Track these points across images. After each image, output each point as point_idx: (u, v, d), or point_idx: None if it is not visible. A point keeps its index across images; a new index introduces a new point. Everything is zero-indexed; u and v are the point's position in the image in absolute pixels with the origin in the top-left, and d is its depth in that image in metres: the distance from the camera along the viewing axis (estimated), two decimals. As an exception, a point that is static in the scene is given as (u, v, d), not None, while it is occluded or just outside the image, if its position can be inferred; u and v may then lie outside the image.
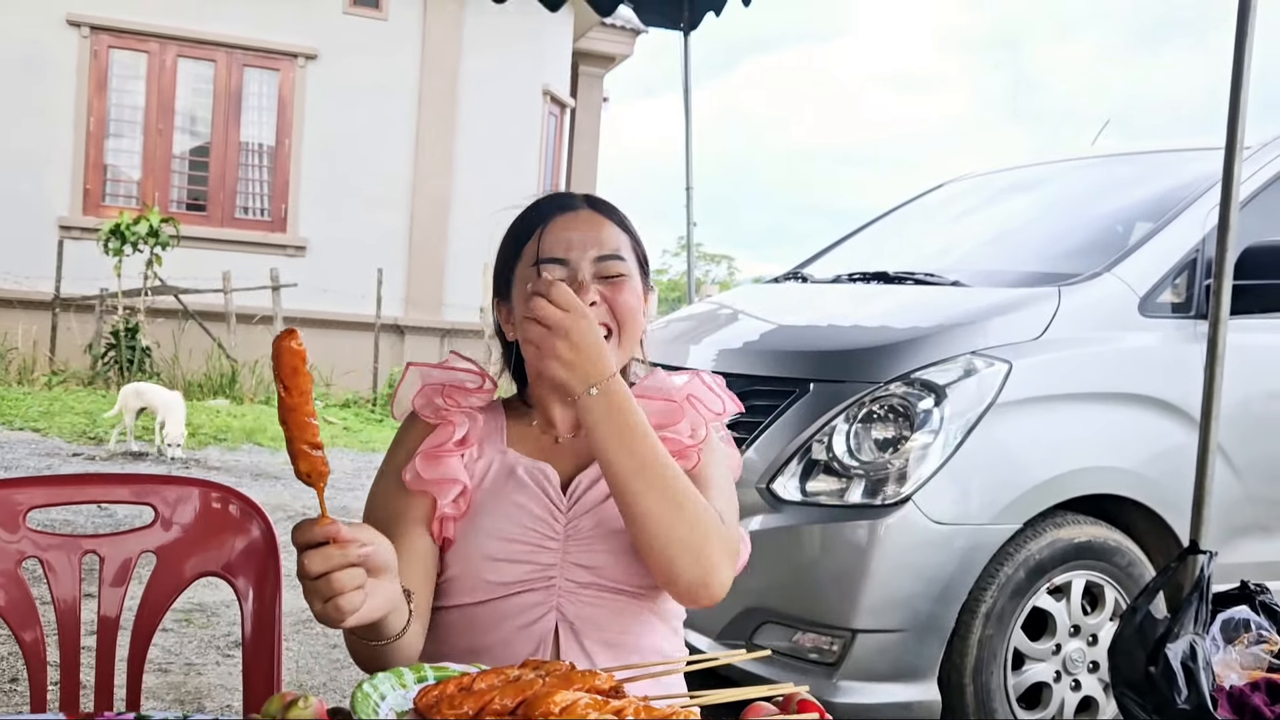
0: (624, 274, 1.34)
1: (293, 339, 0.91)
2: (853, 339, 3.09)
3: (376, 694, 0.78)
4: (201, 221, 10.67)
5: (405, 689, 0.82)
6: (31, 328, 9.74)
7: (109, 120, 10.47)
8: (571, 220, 1.36)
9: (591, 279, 1.32)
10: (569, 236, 1.34)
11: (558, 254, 1.32)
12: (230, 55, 10.69)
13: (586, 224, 1.36)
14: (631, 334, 1.34)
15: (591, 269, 1.32)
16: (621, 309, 1.32)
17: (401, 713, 0.79)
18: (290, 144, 10.85)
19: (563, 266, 1.32)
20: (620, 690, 0.80)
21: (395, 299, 10.95)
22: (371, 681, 0.81)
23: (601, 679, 0.79)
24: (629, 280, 1.34)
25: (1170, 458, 2.90)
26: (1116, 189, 3.78)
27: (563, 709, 0.74)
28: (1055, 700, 2.86)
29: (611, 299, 1.31)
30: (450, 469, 1.31)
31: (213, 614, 3.81)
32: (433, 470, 1.30)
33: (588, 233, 1.34)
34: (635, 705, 0.77)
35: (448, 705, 0.77)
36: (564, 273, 1.31)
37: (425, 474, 1.30)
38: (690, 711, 0.76)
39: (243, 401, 9.64)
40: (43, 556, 1.40)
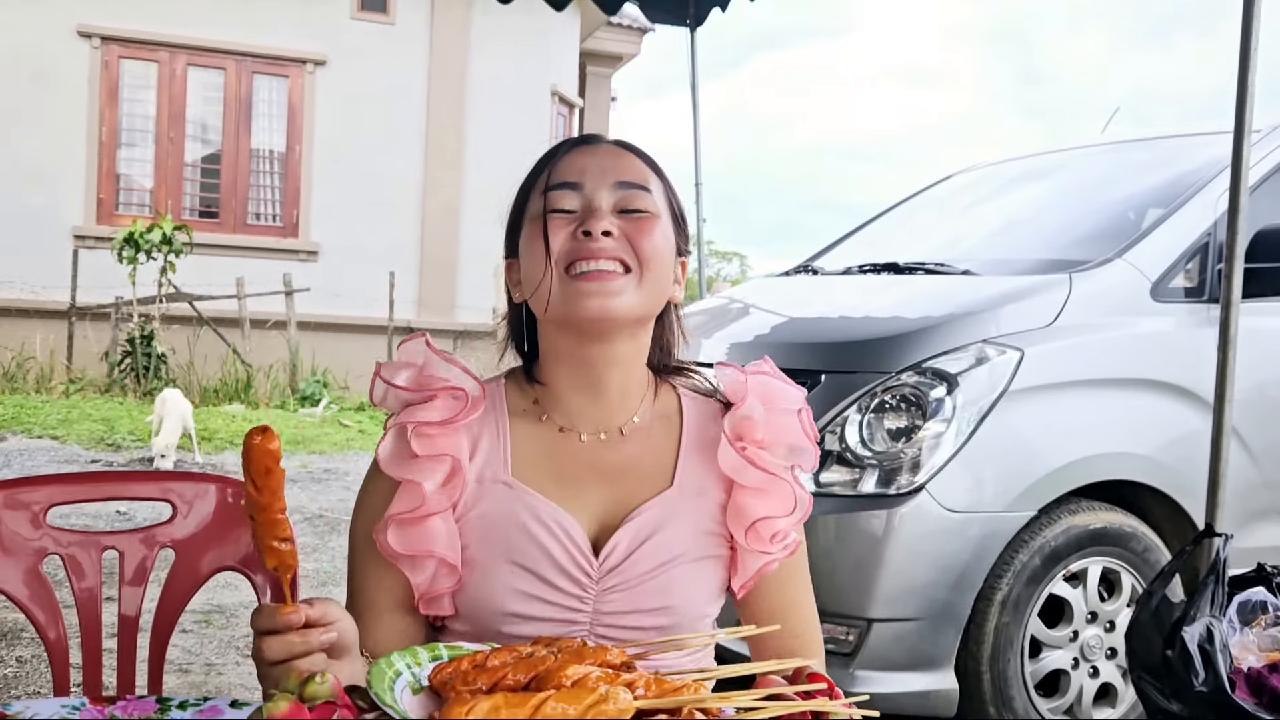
0: (649, 211, 1.13)
1: (267, 438, 0.87)
2: (864, 329, 3.09)
3: (392, 671, 0.80)
4: (214, 228, 10.73)
5: (420, 666, 0.83)
6: (48, 337, 9.82)
7: (121, 130, 10.54)
8: (590, 150, 1.17)
9: (610, 209, 1.12)
10: (585, 162, 1.14)
11: (570, 178, 1.13)
12: (240, 63, 10.75)
13: (609, 152, 1.17)
14: (654, 276, 1.12)
15: (611, 197, 1.12)
16: (644, 249, 1.11)
17: (416, 688, 0.80)
18: (301, 149, 10.91)
19: (575, 192, 1.12)
20: (631, 665, 0.81)
21: (408, 301, 11.00)
22: (387, 659, 0.82)
23: (613, 654, 0.80)
24: (656, 220, 1.13)
25: (1185, 443, 2.89)
26: (1127, 175, 3.77)
27: (574, 681, 0.75)
28: (1073, 687, 2.85)
29: (632, 236, 1.11)
30: (430, 538, 1.08)
31: (231, 615, 3.84)
32: (408, 541, 1.08)
33: (607, 160, 1.15)
34: (646, 678, 0.78)
35: (461, 681, 0.78)
36: (577, 200, 1.12)
37: (398, 545, 1.08)
38: (702, 684, 0.77)
39: (258, 406, 9.69)
40: (63, 553, 1.42)
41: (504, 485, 1.12)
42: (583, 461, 1.14)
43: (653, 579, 1.11)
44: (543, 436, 1.15)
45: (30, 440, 7.35)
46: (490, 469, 1.12)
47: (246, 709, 0.91)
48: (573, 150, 1.16)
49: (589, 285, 1.08)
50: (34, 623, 1.39)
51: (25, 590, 1.38)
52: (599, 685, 0.74)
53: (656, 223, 1.13)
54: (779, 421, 1.15)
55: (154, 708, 0.88)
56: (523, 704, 0.72)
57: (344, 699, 0.74)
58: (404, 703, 0.76)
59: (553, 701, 0.72)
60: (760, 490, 1.13)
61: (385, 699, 0.75)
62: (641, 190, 1.13)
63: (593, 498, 1.13)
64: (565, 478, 1.13)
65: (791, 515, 1.14)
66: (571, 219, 1.11)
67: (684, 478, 1.16)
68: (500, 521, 1.11)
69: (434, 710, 0.77)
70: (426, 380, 1.13)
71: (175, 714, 0.88)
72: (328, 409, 9.63)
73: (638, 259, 1.10)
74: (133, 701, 0.88)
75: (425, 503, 1.07)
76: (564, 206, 1.12)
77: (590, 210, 1.11)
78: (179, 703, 0.90)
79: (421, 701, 0.79)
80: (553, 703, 0.72)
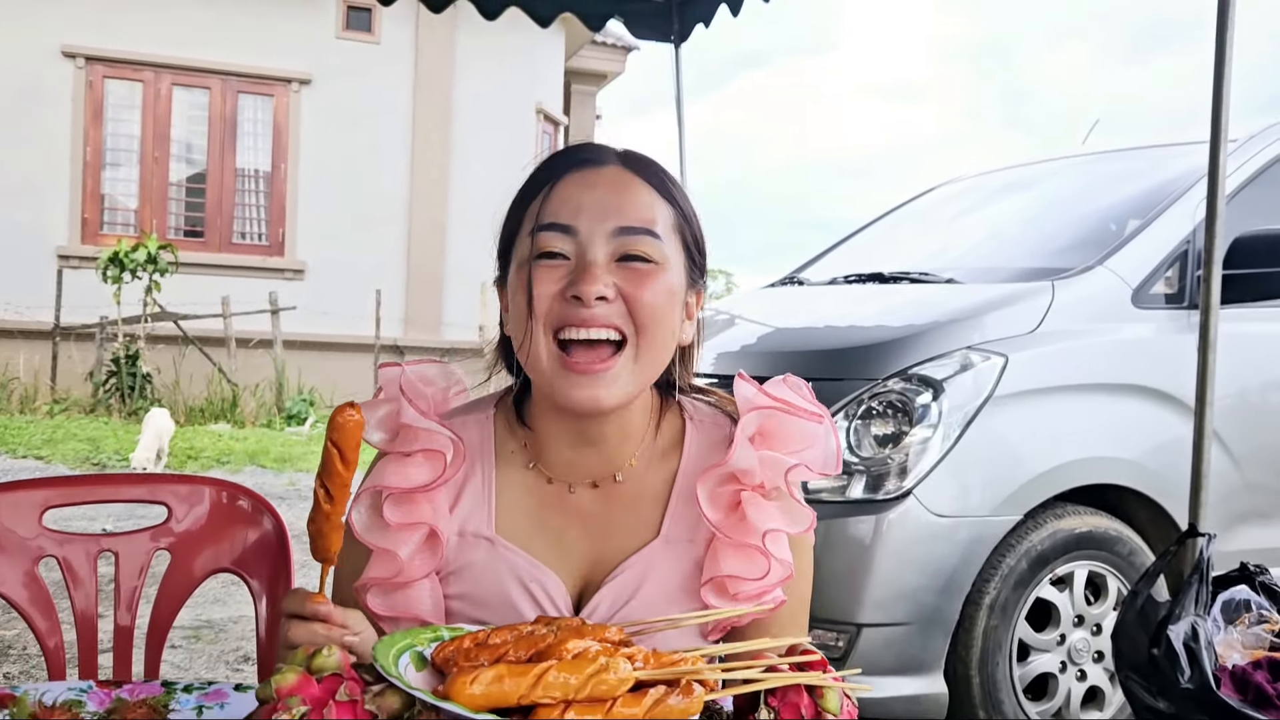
0: (653, 260, 0.99)
1: (358, 413, 0.88)
2: (850, 337, 3.12)
3: (395, 647, 0.81)
4: (199, 248, 10.72)
5: (423, 646, 0.85)
6: (33, 357, 9.77)
7: (105, 149, 10.53)
8: (591, 177, 1.01)
9: (607, 261, 0.98)
10: (583, 198, 1.00)
11: (563, 219, 0.99)
12: (224, 82, 10.77)
13: (611, 185, 1.01)
14: (654, 344, 1.00)
15: (608, 247, 0.98)
16: (643, 311, 0.98)
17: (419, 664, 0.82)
18: (286, 168, 10.92)
19: (568, 237, 0.98)
20: (629, 642, 0.82)
21: (394, 319, 11.00)
22: (391, 637, 0.83)
23: (611, 632, 0.82)
24: (660, 271, 1.00)
25: (1169, 447, 2.93)
26: (1108, 186, 3.82)
27: (575, 655, 0.76)
28: (1061, 691, 2.88)
29: (630, 294, 0.98)
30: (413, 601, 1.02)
31: (221, 630, 3.82)
32: (391, 604, 1.02)
33: (610, 196, 1.00)
34: (644, 652, 0.79)
35: (464, 658, 0.79)
36: (570, 245, 0.99)
37: (380, 609, 1.02)
38: (698, 659, 0.79)
39: (244, 425, 9.66)
40: (60, 555, 1.43)
41: (486, 541, 1.05)
42: (570, 513, 1.06)
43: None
44: (530, 487, 1.07)
45: (15, 460, 7.31)
46: (473, 523, 1.05)
47: (251, 691, 0.92)
48: (570, 175, 1.02)
49: (577, 377, 0.97)
50: (30, 624, 1.40)
51: (24, 592, 1.38)
52: (599, 657, 0.76)
53: (660, 275, 0.99)
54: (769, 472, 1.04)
55: (160, 690, 0.89)
56: (525, 674, 0.74)
57: (350, 672, 0.75)
58: (407, 677, 0.78)
59: (554, 671, 0.74)
60: (736, 546, 1.03)
61: (391, 670, 0.76)
62: (645, 235, 0.99)
63: (579, 552, 1.06)
64: (551, 531, 1.06)
65: (761, 580, 1.02)
66: (562, 269, 0.99)
67: (671, 527, 1.06)
68: (480, 580, 1.04)
69: (436, 685, 0.78)
70: (405, 433, 1.04)
71: (181, 696, 0.90)
72: (314, 427, 9.61)
73: (635, 325, 0.98)
74: (139, 685, 0.89)
75: (403, 571, 1.01)
76: (554, 249, 0.99)
77: (584, 267, 0.97)
78: (184, 686, 0.91)
79: (424, 678, 0.80)
80: (554, 672, 0.74)
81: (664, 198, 1.04)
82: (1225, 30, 2.43)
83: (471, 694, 0.73)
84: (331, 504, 0.89)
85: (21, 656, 3.44)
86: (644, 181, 1.03)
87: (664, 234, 1.02)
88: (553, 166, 1.04)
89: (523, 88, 11.61)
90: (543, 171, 1.05)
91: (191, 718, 0.86)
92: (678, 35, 4.85)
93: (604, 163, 1.03)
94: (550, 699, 0.73)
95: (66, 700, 0.77)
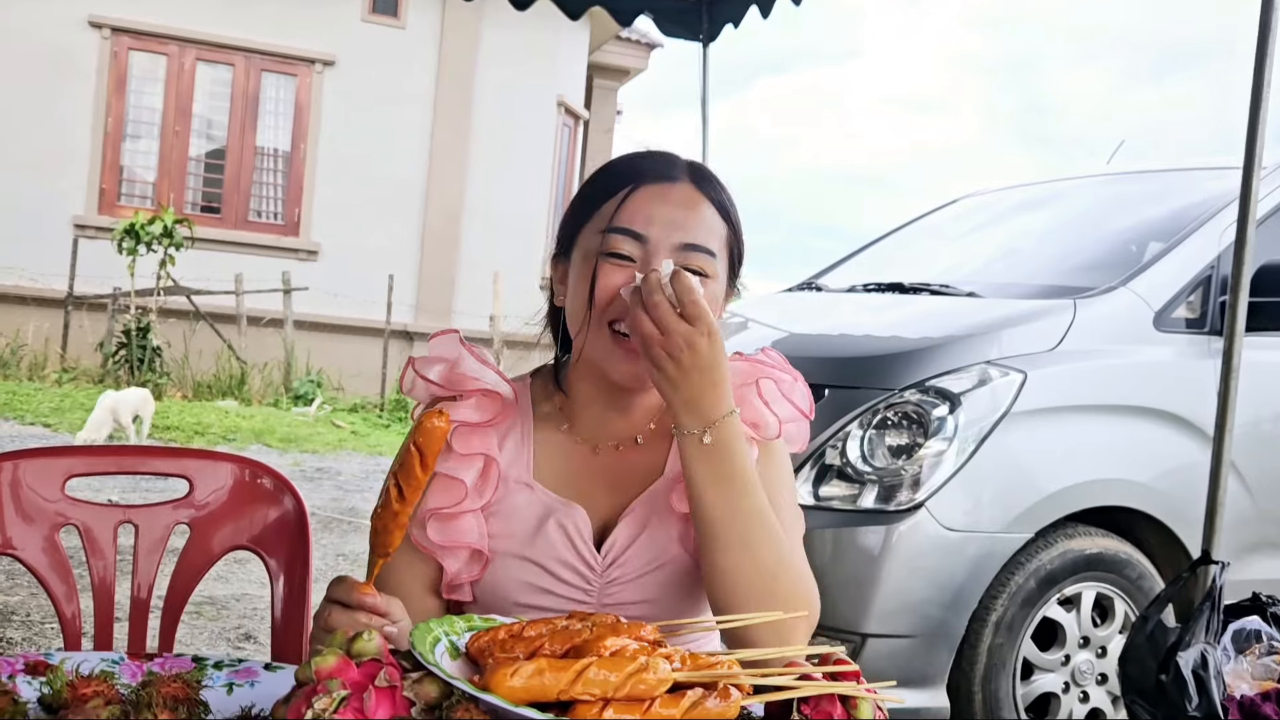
0: (707, 274, 1.12)
1: (446, 421, 0.92)
2: (868, 346, 3.12)
3: (431, 635, 0.81)
4: (215, 224, 10.74)
5: (457, 635, 0.85)
6: (44, 325, 9.79)
7: (126, 121, 10.56)
8: (665, 192, 1.14)
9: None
10: (654, 211, 1.12)
11: (635, 227, 1.11)
12: (249, 59, 10.78)
13: (681, 202, 1.14)
14: None
15: (672, 259, 1.11)
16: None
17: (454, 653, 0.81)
18: (305, 149, 10.93)
19: (637, 243, 1.11)
20: (664, 642, 0.82)
21: (405, 305, 11.00)
22: (426, 624, 0.83)
23: (647, 630, 0.82)
24: (710, 284, 1.12)
25: (1182, 472, 2.92)
26: (1132, 206, 3.81)
27: (613, 652, 0.76)
28: (1064, 711, 2.87)
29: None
30: (464, 531, 1.14)
31: (223, 607, 3.83)
32: (445, 534, 1.13)
33: (679, 213, 1.12)
34: (682, 653, 0.79)
35: (500, 649, 0.79)
36: (637, 250, 1.11)
37: (436, 537, 1.13)
38: (734, 661, 0.79)
39: (251, 403, 9.68)
40: (80, 524, 1.43)
41: (525, 486, 1.17)
42: (595, 470, 1.20)
43: (652, 570, 1.15)
44: (563, 445, 1.20)
45: (22, 427, 7.33)
46: (514, 470, 1.18)
47: (281, 671, 0.92)
48: (647, 186, 1.13)
49: (626, 357, 1.10)
50: (48, 590, 1.40)
51: (43, 559, 1.38)
52: (638, 656, 0.75)
53: (711, 287, 1.12)
54: (743, 395, 1.17)
55: (191, 665, 0.89)
56: (565, 669, 0.74)
57: (390, 658, 0.75)
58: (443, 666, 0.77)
59: (594, 668, 0.74)
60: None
61: (429, 658, 0.76)
62: (706, 254, 1.12)
63: (601, 499, 1.18)
64: (579, 482, 1.19)
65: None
66: (628, 270, 1.11)
67: (673, 465, 1.19)
68: (518, 520, 1.16)
69: (471, 675, 0.78)
70: (459, 378, 1.16)
71: (212, 672, 0.89)
72: (320, 409, 9.62)
73: None
74: (170, 659, 0.89)
75: (465, 499, 1.13)
76: (622, 251, 1.11)
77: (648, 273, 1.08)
78: (215, 662, 0.91)
79: (459, 667, 0.80)
80: (594, 669, 0.73)
81: (723, 217, 1.17)
82: (1265, 55, 2.41)
83: (511, 686, 0.72)
84: (403, 503, 0.92)
85: (25, 623, 3.45)
86: (709, 202, 1.16)
87: (718, 251, 1.15)
88: (631, 172, 1.16)
89: (545, 80, 11.60)
90: (621, 175, 1.16)
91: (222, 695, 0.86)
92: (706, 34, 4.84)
93: (677, 179, 1.16)
94: (590, 695, 0.73)
95: (101, 671, 0.76)
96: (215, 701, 0.78)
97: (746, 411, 1.17)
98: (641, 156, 1.20)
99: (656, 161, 1.17)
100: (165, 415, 8.21)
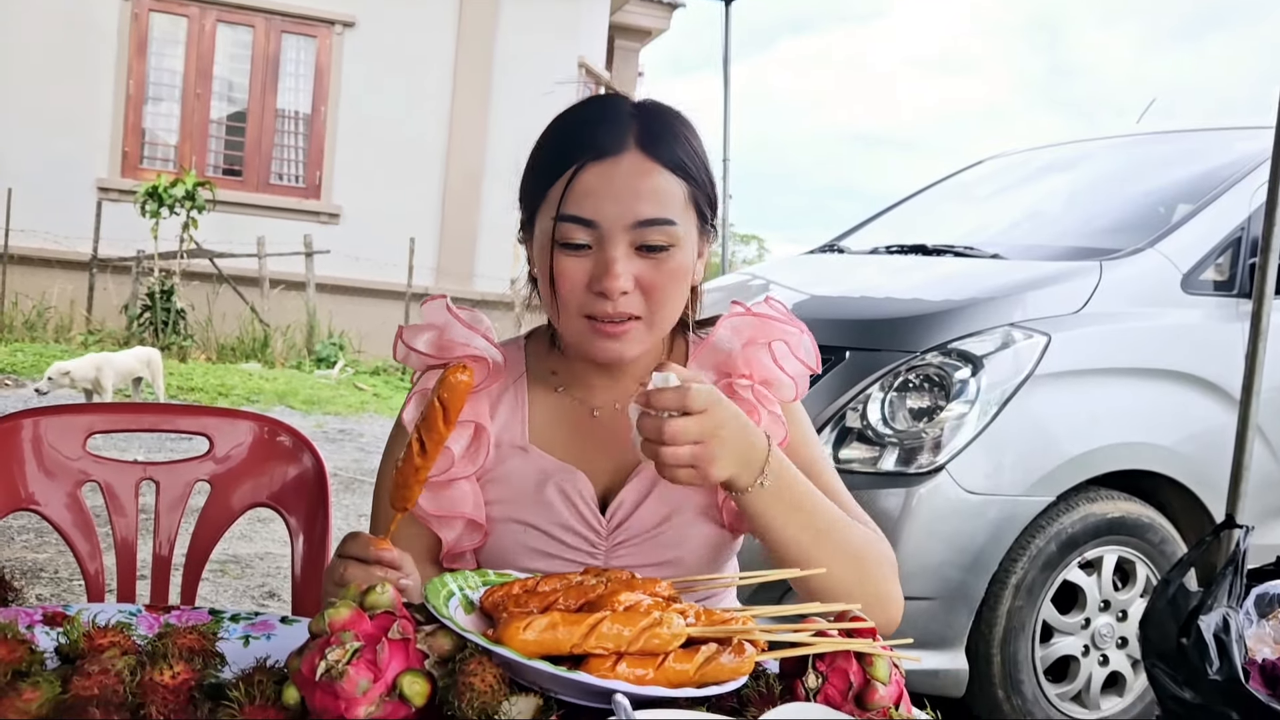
0: (668, 244, 1.07)
1: (468, 372, 0.90)
2: (890, 308, 3.09)
3: (445, 590, 0.81)
4: (237, 187, 10.75)
5: (472, 589, 0.84)
6: (69, 287, 9.87)
7: (148, 84, 10.56)
8: (610, 170, 1.06)
9: (626, 251, 1.06)
10: (602, 193, 1.06)
11: (585, 214, 1.05)
12: (269, 21, 10.74)
13: (629, 176, 1.06)
14: (666, 317, 1.11)
15: (627, 238, 1.06)
16: (658, 295, 1.07)
17: (468, 608, 0.81)
18: (326, 111, 10.90)
19: (589, 230, 1.06)
20: (678, 598, 0.82)
21: (426, 268, 11.02)
22: (441, 578, 0.83)
23: (662, 586, 0.81)
24: (675, 252, 1.07)
25: (1207, 436, 2.89)
26: (1157, 167, 3.75)
27: (626, 607, 0.76)
28: (1083, 674, 2.87)
29: (648, 283, 1.07)
30: (458, 501, 1.13)
31: (247, 565, 3.88)
32: (438, 503, 1.13)
33: (628, 190, 1.06)
34: (696, 609, 0.79)
35: (514, 604, 0.79)
36: (590, 236, 1.06)
37: (429, 507, 1.12)
38: (749, 618, 0.78)
39: (274, 365, 9.74)
40: (102, 480, 1.44)
41: (520, 450, 1.16)
42: (594, 431, 1.17)
43: (660, 533, 1.14)
44: (559, 406, 1.18)
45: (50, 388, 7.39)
46: (509, 434, 1.16)
47: (297, 624, 0.93)
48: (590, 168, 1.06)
49: (606, 340, 1.08)
50: (71, 546, 1.42)
51: (66, 515, 1.40)
52: (651, 611, 0.75)
53: (675, 257, 1.07)
54: (755, 356, 1.16)
55: (208, 618, 0.89)
56: (578, 623, 0.74)
57: (403, 611, 0.75)
58: (456, 620, 0.77)
59: (607, 623, 0.73)
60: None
61: (443, 611, 0.76)
62: (663, 225, 1.06)
63: (602, 462, 1.16)
64: (577, 445, 1.17)
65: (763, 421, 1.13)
66: (585, 259, 1.07)
67: None
68: (516, 484, 1.15)
69: (485, 629, 0.78)
70: (447, 345, 1.15)
71: (229, 625, 0.90)
72: (343, 371, 9.68)
73: (650, 306, 1.08)
74: (187, 611, 0.89)
75: (454, 467, 1.11)
76: (575, 241, 1.06)
77: (606, 264, 1.05)
78: (231, 615, 0.91)
79: (473, 621, 0.80)
80: (607, 624, 0.73)
81: (680, 176, 1.09)
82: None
83: (524, 640, 0.72)
84: (424, 458, 0.90)
85: (53, 579, 3.50)
86: (661, 166, 1.08)
87: (679, 215, 1.08)
88: (574, 147, 1.08)
89: (566, 41, 11.50)
90: (565, 151, 1.09)
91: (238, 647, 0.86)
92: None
93: (622, 150, 1.07)
94: (603, 650, 0.72)
95: (118, 622, 0.77)
96: (232, 653, 0.79)
97: (759, 371, 1.15)
98: (582, 123, 1.11)
99: (599, 130, 1.09)
100: (189, 377, 8.28)
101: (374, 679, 0.70)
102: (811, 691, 0.79)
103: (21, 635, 0.72)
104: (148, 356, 7.00)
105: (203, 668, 0.75)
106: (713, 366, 1.18)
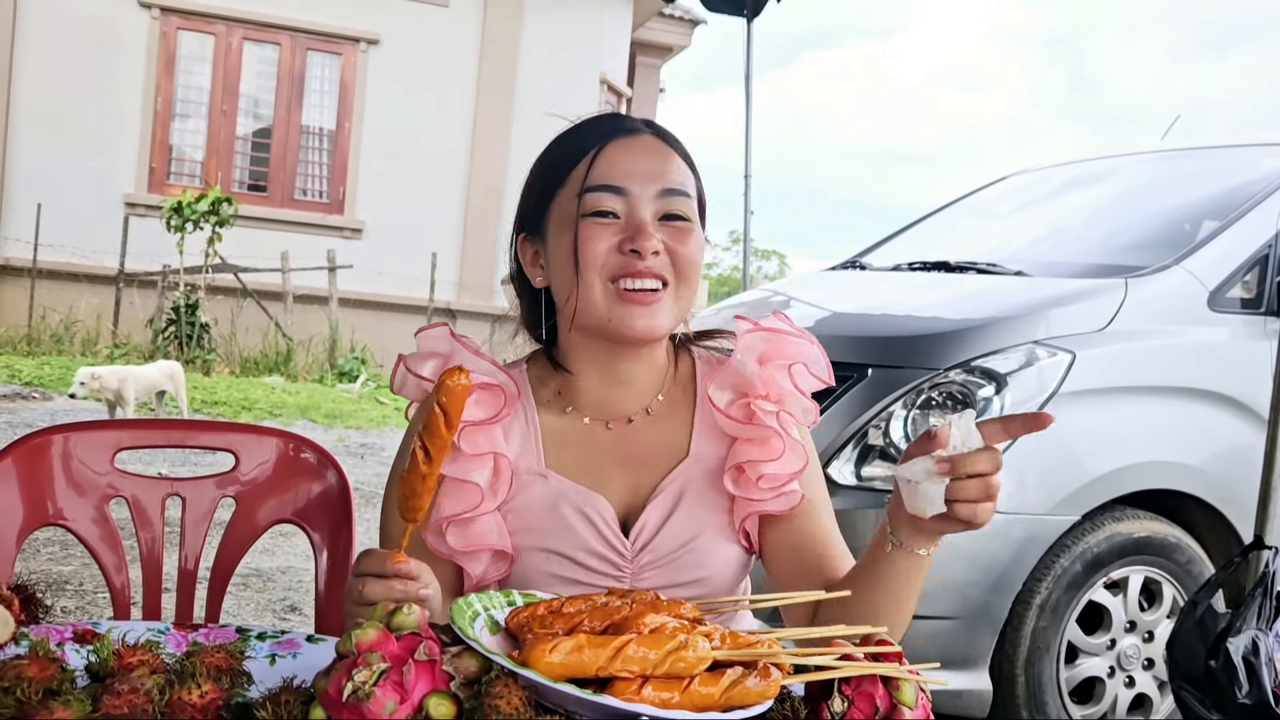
0: (689, 218, 1.12)
1: (465, 375, 0.89)
2: (913, 326, 3.08)
3: (470, 610, 0.81)
4: (262, 202, 10.86)
5: (497, 609, 0.85)
6: (95, 301, 9.98)
7: (175, 100, 10.69)
8: (633, 144, 1.13)
9: (653, 219, 1.10)
10: (630, 164, 1.11)
11: (614, 181, 1.09)
12: (294, 39, 10.86)
13: (651, 152, 1.13)
14: (690, 287, 1.13)
15: (653, 206, 1.10)
16: (684, 262, 1.10)
17: (494, 629, 0.81)
18: (350, 127, 11.00)
19: (619, 197, 1.09)
20: (703, 620, 0.82)
21: (448, 283, 11.07)
22: (466, 599, 0.83)
23: (686, 608, 0.81)
24: (694, 228, 1.12)
25: (1235, 455, 2.86)
26: (1186, 183, 3.72)
27: (652, 630, 0.76)
28: (1108, 696, 2.83)
29: (674, 249, 1.10)
30: (483, 534, 1.11)
31: (269, 579, 3.89)
32: (464, 539, 1.11)
33: (652, 162, 1.12)
34: (721, 631, 0.78)
35: (539, 625, 0.79)
36: (620, 204, 1.09)
37: (456, 543, 1.11)
38: (774, 641, 0.78)
39: (297, 379, 9.80)
40: (129, 495, 1.45)
41: (539, 476, 1.15)
42: (608, 449, 1.17)
43: (686, 553, 1.13)
44: (570, 427, 1.17)
45: (76, 401, 7.46)
46: (525, 461, 1.15)
47: (323, 643, 0.93)
48: (613, 143, 1.12)
49: (636, 308, 1.09)
50: (98, 561, 1.43)
51: (94, 530, 1.41)
52: (677, 634, 0.75)
53: (695, 231, 1.12)
54: (773, 377, 1.17)
55: (235, 636, 0.90)
56: (604, 645, 0.74)
57: (429, 632, 0.75)
58: (482, 641, 0.77)
59: (633, 645, 0.73)
60: (751, 440, 1.15)
61: (468, 632, 0.76)
62: (684, 196, 1.12)
63: (620, 482, 1.16)
64: (593, 465, 1.16)
65: (778, 460, 1.13)
66: (612, 225, 1.09)
67: (699, 446, 1.18)
68: (537, 511, 1.14)
69: (510, 650, 0.78)
70: None
71: (255, 643, 0.90)
72: (365, 385, 9.72)
73: (676, 273, 1.10)
74: (214, 629, 0.90)
75: (482, 501, 1.10)
76: (604, 209, 1.09)
77: (637, 225, 1.09)
78: (258, 633, 0.92)
79: (498, 642, 0.80)
80: (633, 646, 0.73)
81: (688, 165, 1.16)
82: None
83: (550, 662, 0.72)
84: (430, 465, 0.90)
85: (78, 592, 3.53)
86: (673, 149, 1.15)
87: (691, 194, 1.14)
88: (593, 133, 1.14)
89: (588, 58, 11.56)
90: (583, 138, 1.15)
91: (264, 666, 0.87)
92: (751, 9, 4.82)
93: (639, 131, 1.15)
94: (628, 673, 0.72)
95: (147, 640, 0.78)
96: (258, 672, 0.79)
97: (776, 392, 1.15)
98: (596, 119, 1.18)
99: (614, 118, 1.17)
100: (213, 391, 8.34)
101: (400, 700, 0.70)
102: (837, 716, 0.78)
103: (53, 653, 0.73)
104: (171, 370, 7.05)
105: (230, 687, 0.75)
106: (731, 387, 1.17)
